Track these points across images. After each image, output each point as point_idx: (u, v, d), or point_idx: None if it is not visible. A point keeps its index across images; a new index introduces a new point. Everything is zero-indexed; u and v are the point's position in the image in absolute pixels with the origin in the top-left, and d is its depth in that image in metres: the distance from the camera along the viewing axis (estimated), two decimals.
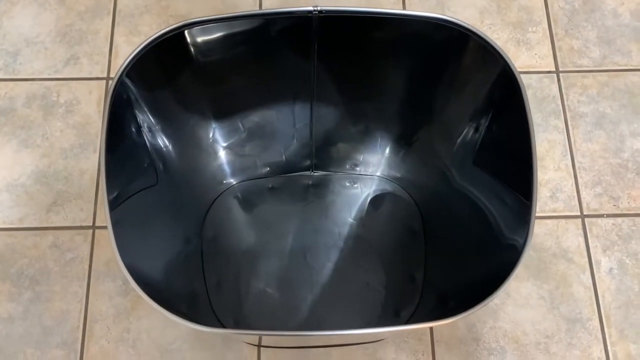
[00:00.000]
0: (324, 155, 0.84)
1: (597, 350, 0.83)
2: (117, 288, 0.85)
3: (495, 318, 0.84)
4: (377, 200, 0.85)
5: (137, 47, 0.47)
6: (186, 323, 0.45)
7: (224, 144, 0.75)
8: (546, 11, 1.01)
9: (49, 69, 0.96)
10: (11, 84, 0.95)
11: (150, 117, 0.59)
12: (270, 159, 0.84)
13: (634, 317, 0.85)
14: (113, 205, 0.48)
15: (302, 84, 0.66)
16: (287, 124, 0.80)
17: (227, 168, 0.80)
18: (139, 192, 0.59)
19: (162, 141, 0.63)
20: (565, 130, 0.94)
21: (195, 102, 0.65)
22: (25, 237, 0.87)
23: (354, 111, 0.76)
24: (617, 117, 0.95)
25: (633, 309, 0.85)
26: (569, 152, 0.93)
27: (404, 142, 0.81)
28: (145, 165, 0.61)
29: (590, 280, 0.86)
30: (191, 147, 0.72)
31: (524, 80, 0.97)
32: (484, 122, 0.64)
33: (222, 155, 0.77)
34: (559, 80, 0.97)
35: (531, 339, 0.83)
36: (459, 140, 0.71)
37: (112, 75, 0.96)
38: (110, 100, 0.48)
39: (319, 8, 0.48)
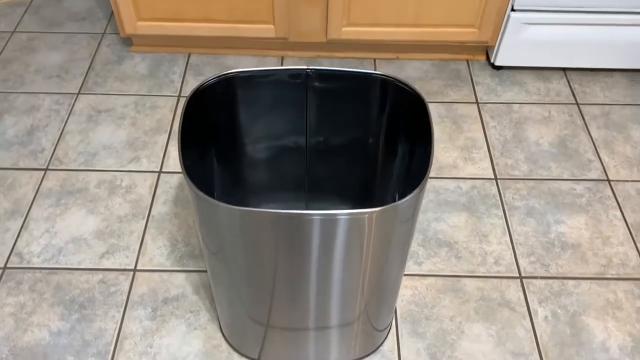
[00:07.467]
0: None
1: None
2: (147, 314, 1.06)
3: (453, 350, 1.02)
4: None
5: (203, 81, 0.80)
6: (217, 202, 0.67)
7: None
8: (486, 140, 1.37)
9: (117, 164, 1.30)
10: (87, 173, 1.28)
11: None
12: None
13: (567, 354, 1.02)
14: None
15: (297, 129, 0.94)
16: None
17: None
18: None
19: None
20: (503, 217, 1.22)
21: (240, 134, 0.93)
22: (80, 275, 1.11)
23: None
24: (543, 209, 1.23)
25: (567, 347, 1.03)
26: (507, 232, 1.20)
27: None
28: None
29: (529, 324, 1.06)
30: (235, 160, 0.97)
31: (470, 184, 1.29)
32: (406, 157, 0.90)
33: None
34: (497, 184, 1.28)
35: None
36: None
37: (164, 170, 1.29)
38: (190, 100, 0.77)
39: (310, 67, 0.82)
